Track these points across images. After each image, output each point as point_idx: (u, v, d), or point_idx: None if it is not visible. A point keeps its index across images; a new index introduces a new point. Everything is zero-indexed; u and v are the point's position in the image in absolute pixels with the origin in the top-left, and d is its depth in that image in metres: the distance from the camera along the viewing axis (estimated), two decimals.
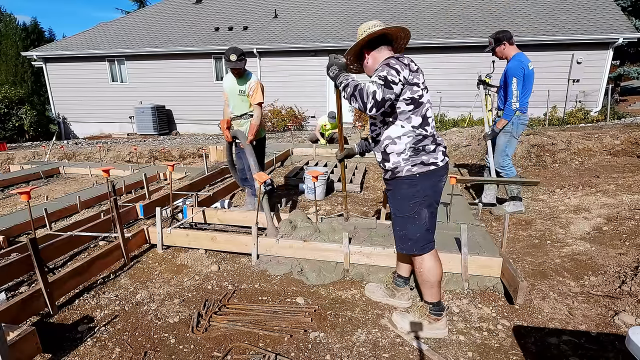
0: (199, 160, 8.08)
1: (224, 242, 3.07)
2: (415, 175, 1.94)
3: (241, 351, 1.97)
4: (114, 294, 2.55)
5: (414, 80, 1.85)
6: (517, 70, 3.46)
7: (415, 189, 1.95)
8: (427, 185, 1.95)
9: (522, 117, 3.64)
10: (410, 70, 1.84)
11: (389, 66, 1.81)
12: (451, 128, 9.82)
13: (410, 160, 1.94)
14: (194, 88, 13.43)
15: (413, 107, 1.88)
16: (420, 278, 2.07)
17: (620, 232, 3.18)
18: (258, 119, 3.68)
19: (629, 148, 5.50)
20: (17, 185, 6.17)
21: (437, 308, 2.08)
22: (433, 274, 2.02)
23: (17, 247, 3.04)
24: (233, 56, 3.49)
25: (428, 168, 1.93)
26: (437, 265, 2.03)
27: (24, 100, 13.99)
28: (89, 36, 14.85)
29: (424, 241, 2.00)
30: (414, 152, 1.93)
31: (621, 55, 17.07)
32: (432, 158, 1.94)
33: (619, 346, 1.96)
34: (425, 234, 2.00)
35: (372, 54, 2.05)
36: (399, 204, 2.02)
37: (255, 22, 14.03)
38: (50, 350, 1.99)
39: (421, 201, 1.95)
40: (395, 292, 2.40)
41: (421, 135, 1.92)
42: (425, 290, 2.08)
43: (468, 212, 3.54)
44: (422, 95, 1.89)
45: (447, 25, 12.01)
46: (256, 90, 3.65)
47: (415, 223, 1.98)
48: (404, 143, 1.93)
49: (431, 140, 1.95)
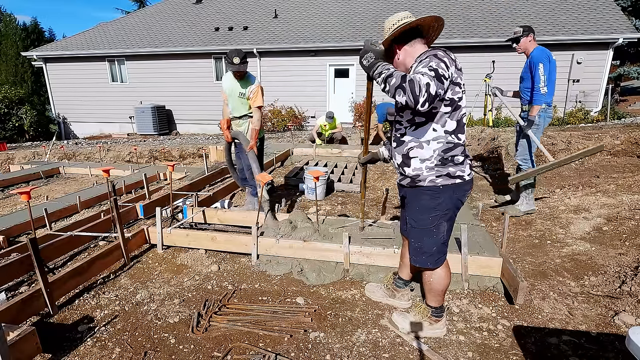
0: (199, 160, 8.08)
1: (224, 242, 3.07)
2: (439, 187, 1.78)
3: (241, 351, 1.97)
4: (114, 294, 2.55)
5: (457, 80, 1.69)
6: (542, 57, 3.45)
7: (438, 202, 1.80)
8: (450, 199, 1.80)
9: (548, 110, 3.62)
10: (456, 68, 1.68)
11: (437, 57, 1.61)
12: None
13: (435, 169, 1.77)
14: (194, 88, 13.43)
15: (451, 110, 1.71)
16: (428, 286, 2.03)
17: (620, 232, 3.18)
18: (258, 123, 3.68)
19: (629, 148, 5.50)
20: (17, 185, 6.17)
21: (439, 310, 2.07)
22: (442, 283, 1.98)
23: (17, 247, 3.04)
24: (236, 59, 3.48)
25: (453, 181, 1.77)
26: (446, 276, 1.98)
27: (24, 100, 14.00)
28: (89, 36, 14.85)
29: (438, 254, 1.91)
30: (441, 161, 1.76)
31: (621, 55, 17.06)
32: (459, 171, 1.78)
33: (619, 346, 1.96)
34: (441, 247, 1.91)
35: (404, 49, 1.84)
36: (418, 215, 1.88)
37: (255, 22, 14.03)
38: (50, 350, 1.99)
39: (442, 214, 1.82)
40: (396, 293, 2.39)
41: (452, 143, 1.75)
42: (431, 296, 2.05)
43: (468, 212, 3.54)
44: (461, 97, 1.73)
45: (447, 25, 12.00)
46: (257, 94, 3.63)
47: (433, 236, 1.87)
48: (432, 149, 1.76)
49: (461, 151, 1.78)
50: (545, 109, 3.59)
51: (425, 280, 2.04)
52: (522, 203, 3.83)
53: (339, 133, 8.40)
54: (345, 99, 12.55)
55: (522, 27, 3.62)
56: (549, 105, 3.58)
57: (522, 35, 3.59)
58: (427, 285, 2.03)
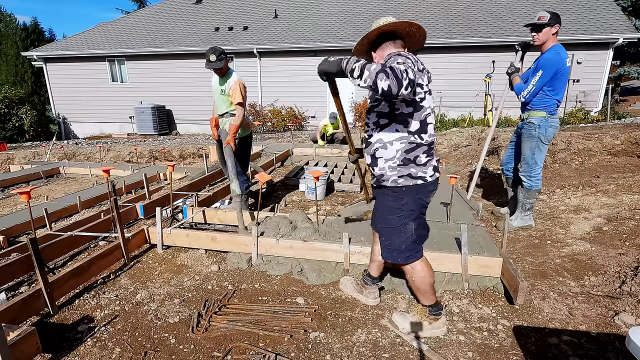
0: (199, 160, 8.08)
1: (224, 242, 3.07)
2: (401, 188, 1.84)
3: (241, 351, 1.97)
4: (114, 294, 2.55)
5: (419, 81, 1.71)
6: (551, 65, 3.02)
7: (402, 202, 1.86)
8: (414, 200, 1.85)
9: (551, 120, 3.17)
10: (418, 69, 1.71)
11: (402, 56, 1.64)
12: (451, 128, 9.82)
13: (397, 169, 1.83)
14: (194, 88, 13.42)
15: (412, 110, 1.76)
16: (413, 286, 2.05)
17: (621, 232, 3.18)
18: (238, 119, 3.60)
19: (629, 148, 5.50)
20: (17, 185, 6.17)
21: (436, 308, 2.08)
22: (425, 282, 1.99)
23: (17, 247, 3.04)
24: (212, 56, 3.46)
25: (415, 182, 1.82)
26: (427, 273, 1.99)
27: (24, 100, 14.00)
28: (89, 36, 14.85)
29: (409, 252, 1.94)
30: (403, 161, 1.81)
31: (621, 55, 17.07)
32: (421, 172, 1.82)
33: (619, 346, 1.95)
34: (412, 244, 1.93)
35: (378, 53, 1.89)
36: (385, 216, 1.94)
37: (255, 22, 14.04)
38: (50, 350, 1.99)
39: (407, 214, 1.88)
40: (363, 290, 2.42)
41: (415, 144, 1.80)
42: (420, 296, 2.07)
43: (468, 212, 3.54)
44: (423, 98, 1.76)
45: (448, 26, 12.01)
46: (235, 90, 3.56)
47: (401, 235, 1.92)
48: (395, 149, 1.81)
49: (424, 151, 1.82)
50: (547, 119, 3.16)
51: (409, 281, 2.08)
52: (516, 217, 3.51)
53: (341, 133, 8.41)
54: (345, 99, 12.55)
55: (549, 14, 3.02)
56: (551, 113, 3.16)
57: (547, 23, 3.02)
58: (412, 285, 2.06)
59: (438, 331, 2.09)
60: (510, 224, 3.48)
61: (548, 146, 3.30)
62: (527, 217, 3.49)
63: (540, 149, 3.24)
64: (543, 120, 3.16)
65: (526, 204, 3.42)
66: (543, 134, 3.18)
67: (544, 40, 3.10)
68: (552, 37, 3.08)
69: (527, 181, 3.34)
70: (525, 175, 3.34)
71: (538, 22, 3.05)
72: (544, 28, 3.05)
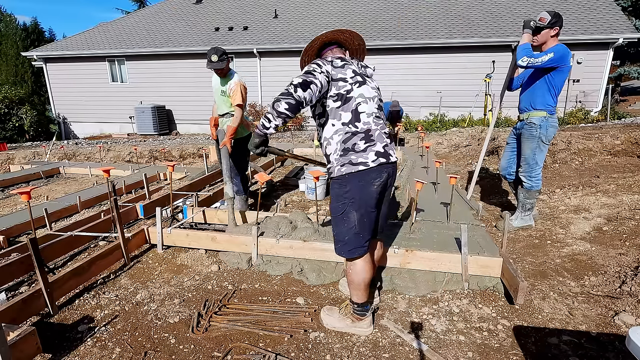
0: (199, 160, 8.08)
1: (224, 242, 3.07)
2: (344, 176, 1.87)
3: (241, 351, 1.97)
4: (114, 294, 2.55)
5: (339, 76, 1.85)
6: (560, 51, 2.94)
7: (345, 189, 1.89)
8: (357, 187, 1.87)
9: (551, 120, 3.17)
10: (333, 67, 1.86)
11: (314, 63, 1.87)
12: (451, 128, 9.83)
13: (340, 159, 1.88)
14: (194, 88, 13.42)
15: (341, 104, 1.87)
16: (348, 277, 2.05)
17: (621, 232, 3.18)
18: (236, 121, 3.61)
19: (629, 148, 5.50)
20: (17, 185, 6.17)
21: (361, 308, 2.07)
22: (360, 277, 1.99)
23: (17, 247, 3.04)
24: (214, 57, 3.47)
25: (356, 168, 1.85)
26: (366, 270, 1.99)
27: (24, 100, 13.99)
28: (89, 36, 14.85)
29: (352, 245, 1.94)
30: (343, 151, 1.87)
31: (621, 55, 17.07)
32: (361, 158, 1.85)
33: (619, 346, 1.95)
34: (355, 237, 1.93)
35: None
36: (332, 204, 1.98)
37: (255, 22, 14.04)
38: (50, 350, 1.99)
39: (349, 202, 1.88)
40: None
41: (350, 133, 1.86)
42: (352, 290, 2.06)
43: (468, 212, 3.54)
44: (350, 90, 1.86)
45: (448, 26, 12.01)
46: (235, 91, 3.57)
47: (344, 225, 1.92)
48: (336, 142, 1.90)
49: (362, 138, 1.86)
50: (547, 118, 3.16)
51: (346, 272, 2.09)
52: (517, 217, 3.51)
53: None
54: None
55: (550, 14, 3.00)
56: (550, 113, 3.17)
57: (547, 25, 3.01)
58: (347, 277, 2.06)
59: (362, 330, 2.10)
60: (510, 224, 3.49)
61: (548, 146, 3.30)
62: (527, 217, 3.50)
63: (541, 149, 3.24)
64: (544, 120, 3.17)
65: (526, 204, 3.43)
66: (544, 134, 3.19)
67: (542, 41, 3.12)
68: (551, 39, 3.08)
69: (527, 181, 3.35)
70: (525, 176, 3.35)
71: (539, 24, 3.06)
72: (542, 30, 3.07)
